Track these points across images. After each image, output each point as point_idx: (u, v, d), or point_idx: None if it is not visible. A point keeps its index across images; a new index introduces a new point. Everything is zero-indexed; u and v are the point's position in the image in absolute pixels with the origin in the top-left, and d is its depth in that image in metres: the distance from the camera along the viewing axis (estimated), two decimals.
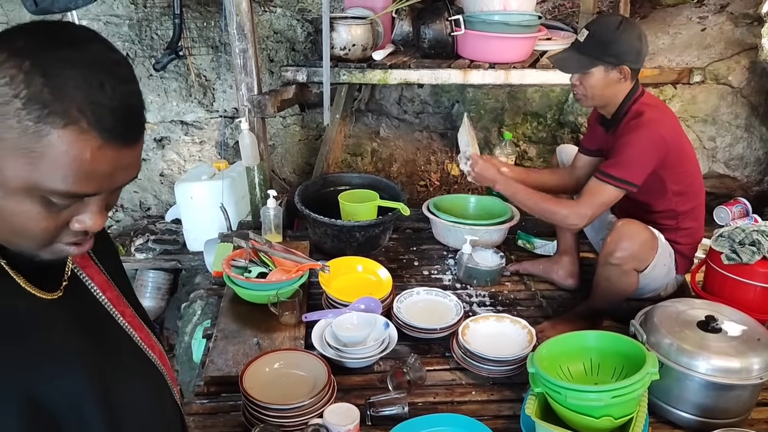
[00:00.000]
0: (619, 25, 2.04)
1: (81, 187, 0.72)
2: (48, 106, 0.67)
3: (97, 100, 0.69)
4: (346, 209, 2.63)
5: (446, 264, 2.64)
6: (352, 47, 2.73)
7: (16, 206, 0.72)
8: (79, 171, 0.70)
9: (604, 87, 2.09)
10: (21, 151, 0.68)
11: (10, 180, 0.70)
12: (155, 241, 3.17)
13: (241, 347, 1.99)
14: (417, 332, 2.06)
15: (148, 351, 1.01)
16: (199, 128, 3.58)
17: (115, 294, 0.98)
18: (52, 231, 0.76)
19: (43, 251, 0.78)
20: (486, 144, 3.65)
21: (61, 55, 0.69)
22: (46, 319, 0.83)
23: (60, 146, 0.68)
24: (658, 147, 2.02)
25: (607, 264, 2.06)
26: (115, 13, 3.28)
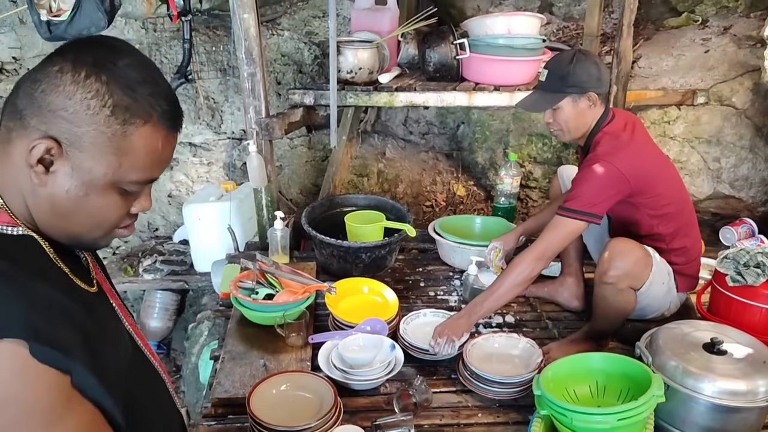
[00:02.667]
0: (572, 58, 2.11)
1: (154, 173, 0.87)
2: (130, 109, 0.81)
3: (157, 93, 0.84)
4: (353, 230, 2.65)
5: (452, 285, 2.65)
6: (358, 70, 2.77)
7: (101, 200, 0.85)
8: (154, 160, 0.85)
9: (577, 117, 2.14)
10: (111, 151, 0.82)
11: (99, 178, 0.83)
12: (163, 262, 3.19)
13: (248, 369, 2.00)
14: (423, 354, 2.07)
15: (153, 360, 1.09)
16: (207, 150, 3.62)
17: (119, 302, 1.06)
18: (122, 217, 0.89)
19: (104, 239, 0.91)
20: (491, 165, 3.67)
21: (122, 63, 0.82)
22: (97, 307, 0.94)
23: (141, 141, 0.83)
24: (614, 181, 2.03)
25: (603, 283, 2.07)
26: (126, 37, 3.34)
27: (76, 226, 0.87)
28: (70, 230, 0.87)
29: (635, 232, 2.20)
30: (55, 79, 0.80)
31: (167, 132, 0.85)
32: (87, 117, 0.80)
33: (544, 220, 2.51)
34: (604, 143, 2.09)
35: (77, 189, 0.83)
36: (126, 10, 3.21)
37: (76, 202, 0.84)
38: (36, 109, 0.80)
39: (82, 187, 0.83)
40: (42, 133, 0.80)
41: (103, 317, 0.94)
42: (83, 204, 0.84)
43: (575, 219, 2.03)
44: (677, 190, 2.24)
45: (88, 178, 0.82)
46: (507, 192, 3.12)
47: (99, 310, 0.93)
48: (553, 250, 2.07)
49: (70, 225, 0.87)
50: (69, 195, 0.83)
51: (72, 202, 0.84)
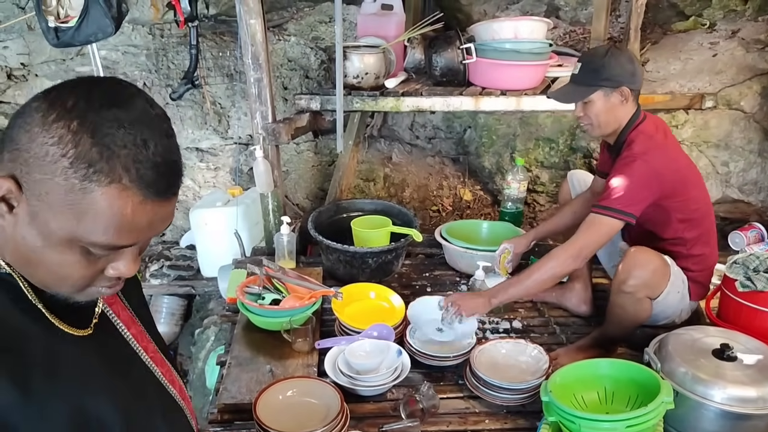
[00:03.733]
0: (607, 52, 2.10)
1: (121, 240, 0.75)
2: (94, 165, 0.70)
3: (141, 158, 0.72)
4: (359, 235, 2.65)
5: (459, 290, 2.64)
6: (365, 75, 2.77)
7: (58, 256, 0.76)
8: (120, 225, 0.73)
9: (608, 111, 2.11)
10: (66, 206, 0.72)
11: (54, 232, 0.74)
12: (170, 267, 3.20)
13: (254, 374, 1.99)
14: (430, 360, 2.06)
15: (170, 387, 1.04)
16: (213, 155, 3.63)
17: (139, 330, 1.01)
18: (89, 278, 0.79)
19: (79, 295, 0.82)
20: (498, 170, 3.67)
21: (107, 114, 0.71)
22: (79, 355, 0.85)
23: (103, 203, 0.71)
24: (652, 181, 2.02)
25: (620, 292, 2.05)
26: (133, 43, 3.36)
27: (40, 276, 0.79)
28: (37, 279, 0.80)
29: (658, 235, 2.18)
30: (28, 116, 0.72)
31: (143, 197, 0.73)
32: (44, 164, 0.70)
33: (557, 224, 2.52)
34: (639, 142, 2.06)
35: (34, 239, 0.75)
36: (133, 16, 3.22)
37: (34, 251, 0.76)
38: (8, 144, 0.73)
39: (38, 237, 0.75)
40: (7, 170, 0.73)
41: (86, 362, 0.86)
42: (42, 256, 0.76)
43: (613, 217, 2.00)
44: (704, 196, 2.24)
45: (44, 231, 0.74)
46: (514, 197, 3.11)
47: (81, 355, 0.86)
48: (591, 249, 2.05)
49: (35, 273, 0.79)
50: (27, 243, 0.76)
51: (30, 251, 0.76)
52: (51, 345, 0.82)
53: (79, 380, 0.83)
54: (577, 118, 2.20)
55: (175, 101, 3.09)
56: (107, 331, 0.94)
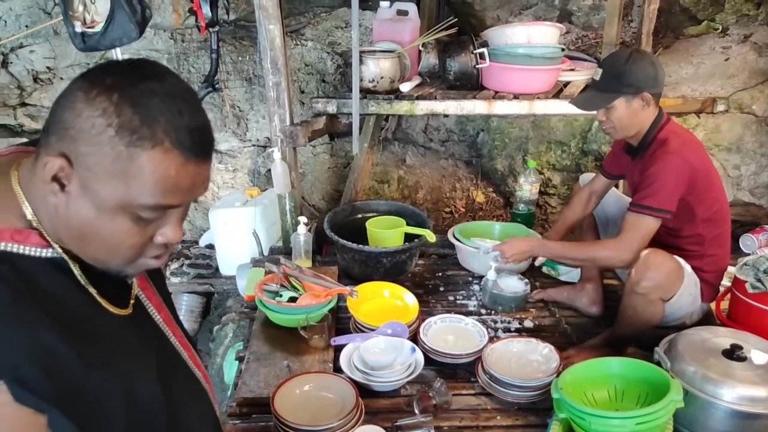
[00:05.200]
0: (629, 57, 2.12)
1: (168, 200, 0.81)
2: (137, 131, 0.77)
3: (178, 124, 0.78)
4: (374, 236, 2.70)
5: (471, 290, 2.68)
6: (380, 79, 2.82)
7: (110, 224, 0.81)
8: (165, 186, 0.79)
9: (631, 116, 2.15)
10: (116, 173, 0.78)
11: (106, 200, 0.80)
12: (190, 266, 3.27)
13: (272, 369, 2.05)
14: (443, 357, 2.11)
15: (195, 370, 1.09)
16: (232, 157, 3.70)
17: (167, 315, 1.06)
18: (140, 246, 0.85)
19: (129, 267, 0.87)
20: (510, 172, 3.71)
21: (144, 87, 0.78)
22: (123, 333, 0.92)
23: (149, 166, 0.78)
24: (686, 174, 2.07)
25: (633, 293, 2.08)
26: (155, 47, 3.45)
27: (93, 250, 0.84)
28: (89, 254, 0.85)
29: (679, 232, 2.21)
30: (72, 96, 0.78)
31: (185, 159, 0.79)
32: (91, 136, 0.76)
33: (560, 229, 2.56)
34: (673, 139, 2.11)
35: (87, 211, 0.80)
36: (155, 21, 3.29)
37: (88, 224, 0.81)
38: (55, 126, 0.79)
39: (91, 209, 0.80)
40: (57, 150, 0.79)
41: (130, 341, 0.93)
42: (95, 227, 0.81)
43: (653, 216, 2.07)
44: (724, 197, 2.29)
45: (96, 201, 0.79)
46: (526, 198, 3.15)
47: (125, 334, 0.92)
48: (636, 249, 2.09)
49: (88, 248, 0.84)
50: (80, 217, 0.81)
51: (84, 224, 0.81)
52: (102, 323, 0.88)
53: (127, 356, 0.90)
54: (599, 122, 2.23)
55: None
56: (143, 314, 1.00)
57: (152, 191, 0.79)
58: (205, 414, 1.10)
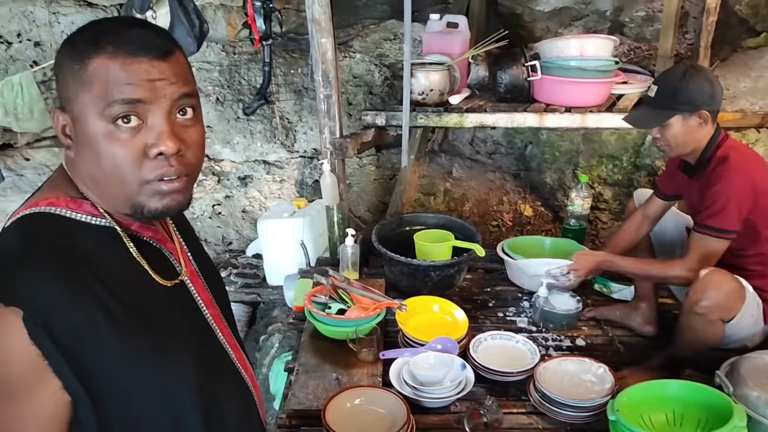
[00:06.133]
0: (685, 74, 2.06)
1: (128, 93, 0.85)
2: (85, 49, 0.86)
3: (121, 33, 0.86)
4: (422, 249, 2.69)
5: (521, 306, 2.64)
6: (429, 92, 2.82)
7: (100, 143, 0.87)
8: (117, 81, 0.85)
9: (686, 134, 2.09)
10: (79, 88, 0.86)
11: (84, 119, 0.86)
12: (237, 275, 3.31)
13: (321, 382, 2.05)
14: (493, 374, 2.08)
15: (242, 371, 1.10)
16: (280, 167, 3.75)
17: (216, 312, 1.08)
18: (135, 160, 0.88)
19: (144, 196, 0.90)
20: (560, 186, 3.65)
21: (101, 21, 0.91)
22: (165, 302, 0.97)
23: (99, 68, 0.85)
24: (749, 192, 2.01)
25: (692, 313, 2.02)
26: (207, 59, 3.52)
27: (109, 185, 0.89)
28: (113, 193, 0.90)
29: (743, 251, 2.14)
30: None
31: (132, 57, 0.85)
32: (61, 73, 0.87)
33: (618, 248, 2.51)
34: (735, 156, 2.06)
35: (88, 145, 0.87)
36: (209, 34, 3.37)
37: (94, 160, 0.88)
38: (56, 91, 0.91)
39: (86, 138, 0.87)
40: (55, 107, 0.91)
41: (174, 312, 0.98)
42: (98, 160, 0.87)
43: (718, 237, 2.03)
44: None
45: (82, 126, 0.87)
46: (578, 213, 3.09)
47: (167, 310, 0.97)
48: None
49: (107, 187, 0.90)
50: (85, 153, 0.89)
51: (92, 162, 0.88)
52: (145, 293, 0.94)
53: (164, 330, 0.94)
54: (654, 139, 2.18)
55: (249, 115, 3.21)
56: (188, 299, 1.04)
57: (111, 89, 0.84)
58: (249, 414, 1.10)
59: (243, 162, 3.72)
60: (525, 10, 3.90)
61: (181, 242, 1.09)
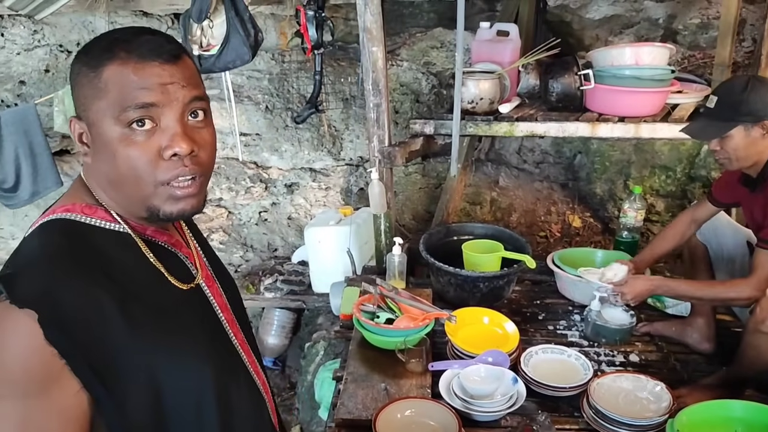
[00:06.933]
0: (746, 85, 2.00)
1: (142, 97, 0.87)
2: (99, 56, 0.88)
3: (132, 40, 0.89)
4: (470, 259, 2.66)
5: (572, 320, 2.59)
6: (479, 101, 2.79)
7: (115, 147, 0.89)
8: (130, 86, 0.87)
9: (748, 146, 2.02)
10: (94, 96, 0.88)
11: (100, 125, 0.89)
12: (283, 282, 3.33)
13: (369, 391, 2.04)
14: (545, 389, 2.03)
15: (255, 377, 1.10)
16: (325, 175, 3.77)
17: (231, 316, 1.09)
18: (149, 162, 0.89)
19: (159, 199, 0.92)
20: (610, 197, 3.58)
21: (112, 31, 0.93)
22: (181, 305, 0.97)
23: (113, 75, 0.87)
24: None
25: (757, 332, 1.94)
26: (257, 68, 3.57)
27: (125, 189, 0.92)
28: (128, 197, 0.93)
29: None
30: None
31: (143, 62, 0.87)
32: (78, 82, 0.90)
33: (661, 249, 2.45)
34: None
35: (105, 151, 0.89)
36: None
37: (111, 165, 0.90)
38: None
39: (102, 144, 0.89)
40: (72, 117, 0.93)
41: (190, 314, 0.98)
42: (115, 165, 0.89)
43: None
44: None
45: (98, 132, 0.89)
46: (630, 225, 3.02)
47: (184, 308, 0.98)
48: None
49: (123, 191, 0.92)
50: (104, 161, 0.90)
51: (109, 167, 0.90)
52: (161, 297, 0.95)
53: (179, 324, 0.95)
54: (712, 152, 2.12)
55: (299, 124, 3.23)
56: (203, 302, 1.05)
57: (124, 94, 0.87)
58: (262, 418, 1.10)
59: (290, 169, 3.75)
60: (574, 18, 3.84)
61: (196, 247, 1.10)
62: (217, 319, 1.05)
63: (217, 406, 0.95)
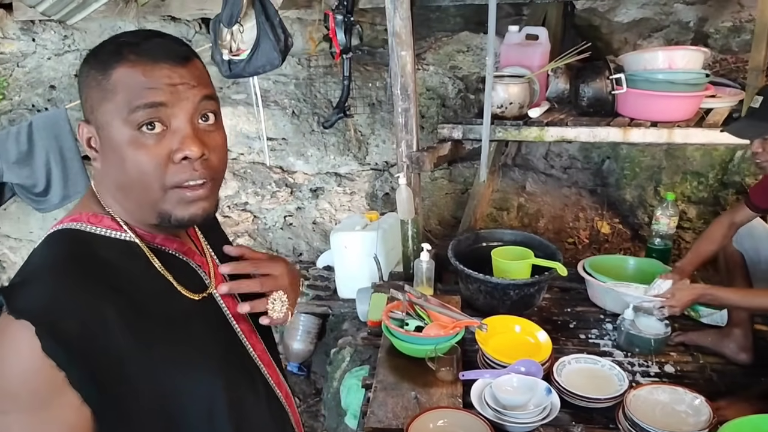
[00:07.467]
0: None
1: (149, 98, 0.86)
2: (107, 59, 0.88)
3: (140, 42, 0.89)
4: (500, 266, 2.62)
5: (604, 329, 2.54)
6: (509, 105, 2.76)
7: (125, 150, 0.88)
8: (139, 87, 0.86)
9: None
10: (103, 98, 0.87)
11: (108, 127, 0.88)
12: (309, 287, 3.32)
13: (399, 400, 2.02)
14: (579, 400, 1.99)
15: (276, 389, 1.07)
16: (350, 180, 3.75)
17: (248, 327, 1.06)
18: (159, 165, 0.88)
19: (169, 203, 0.90)
20: (640, 203, 3.51)
21: (120, 34, 0.92)
22: (191, 315, 0.95)
23: (122, 77, 0.86)
24: None
25: None
26: (284, 72, 3.56)
27: (134, 193, 0.90)
28: (138, 202, 0.91)
29: None
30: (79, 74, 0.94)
31: (152, 63, 0.87)
32: (86, 84, 0.89)
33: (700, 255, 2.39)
34: None
35: (114, 153, 0.88)
36: None
37: (120, 169, 0.88)
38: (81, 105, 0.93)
39: (110, 147, 0.88)
40: (80, 121, 0.92)
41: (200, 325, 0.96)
42: (125, 169, 0.88)
43: None
44: None
45: (107, 135, 0.88)
46: (663, 233, 2.96)
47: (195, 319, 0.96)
48: None
49: (132, 196, 0.90)
50: (114, 165, 0.89)
51: (119, 171, 0.89)
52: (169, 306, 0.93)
53: (188, 335, 0.93)
54: (753, 154, 2.07)
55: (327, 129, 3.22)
56: (216, 312, 1.02)
57: (130, 96, 0.86)
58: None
59: (315, 174, 3.74)
60: (603, 22, 3.79)
61: (212, 255, 1.07)
62: (232, 329, 1.03)
63: (229, 420, 0.93)
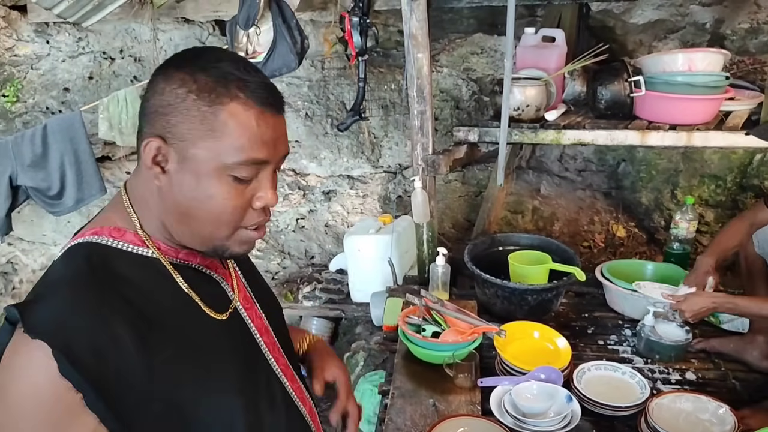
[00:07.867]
0: None
1: (256, 153, 0.86)
2: (213, 91, 0.83)
3: (248, 80, 0.85)
4: (517, 271, 2.59)
5: (623, 335, 2.50)
6: (525, 108, 2.73)
7: (212, 189, 0.86)
8: (251, 137, 0.85)
9: None
10: (206, 133, 0.84)
11: (203, 164, 0.85)
12: (322, 290, 3.30)
13: (417, 407, 1.99)
14: (600, 408, 1.96)
15: (299, 403, 1.05)
16: (363, 182, 3.73)
17: (272, 340, 1.05)
18: (241, 210, 0.89)
19: (231, 241, 0.90)
20: (656, 206, 3.48)
21: (210, 56, 0.87)
22: (214, 335, 0.94)
23: (232, 119, 0.84)
24: None
25: None
26: (297, 74, 3.55)
27: (198, 225, 0.88)
28: (198, 232, 0.89)
29: None
30: (154, 83, 0.87)
31: (262, 110, 0.85)
32: (177, 106, 0.84)
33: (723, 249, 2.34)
34: None
35: (189, 181, 0.85)
36: None
37: (191, 196, 0.86)
38: (144, 117, 0.88)
39: (192, 178, 0.85)
40: (151, 134, 0.86)
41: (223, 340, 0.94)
42: (198, 198, 0.86)
43: None
44: None
45: (195, 168, 0.85)
46: (682, 237, 2.92)
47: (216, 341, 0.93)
48: None
49: (193, 225, 0.88)
50: (183, 190, 0.86)
51: (188, 197, 0.86)
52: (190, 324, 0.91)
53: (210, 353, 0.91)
54: None
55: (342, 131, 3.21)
56: (240, 328, 1.00)
57: (241, 145, 0.84)
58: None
59: (328, 176, 3.73)
60: (617, 23, 3.76)
61: (234, 268, 1.06)
62: (256, 344, 1.01)
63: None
